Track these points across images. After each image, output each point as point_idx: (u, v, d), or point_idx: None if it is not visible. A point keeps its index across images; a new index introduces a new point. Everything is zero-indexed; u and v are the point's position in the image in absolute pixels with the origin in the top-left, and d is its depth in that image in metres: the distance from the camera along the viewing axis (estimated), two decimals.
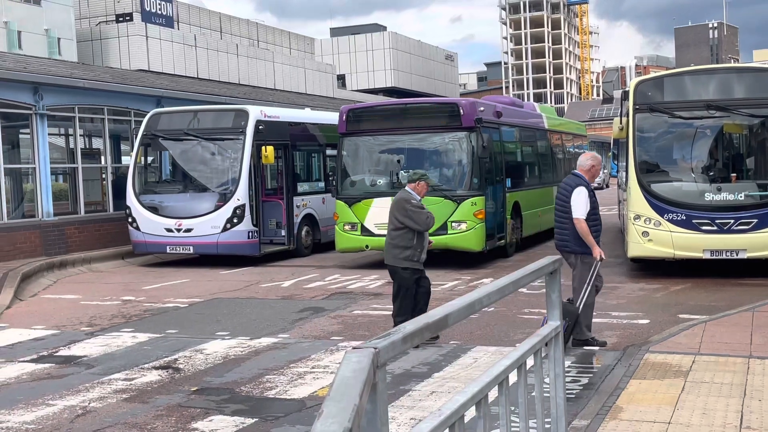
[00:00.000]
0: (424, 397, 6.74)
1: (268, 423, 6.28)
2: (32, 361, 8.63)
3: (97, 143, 21.40)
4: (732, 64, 17.49)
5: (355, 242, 15.26)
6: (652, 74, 14.69)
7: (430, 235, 14.07)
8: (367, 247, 15.08)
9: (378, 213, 14.48)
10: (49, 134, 18.27)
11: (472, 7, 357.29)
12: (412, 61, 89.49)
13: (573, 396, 6.48)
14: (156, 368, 8.10)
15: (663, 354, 7.52)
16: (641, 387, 6.43)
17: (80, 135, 19.91)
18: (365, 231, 15.08)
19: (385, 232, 14.27)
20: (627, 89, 13.70)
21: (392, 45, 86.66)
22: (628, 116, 13.28)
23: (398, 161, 15.27)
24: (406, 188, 9.16)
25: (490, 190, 15.36)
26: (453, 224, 14.57)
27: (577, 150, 23.83)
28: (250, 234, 16.44)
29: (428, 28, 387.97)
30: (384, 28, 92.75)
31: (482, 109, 15.26)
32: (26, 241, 17.00)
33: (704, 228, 12.35)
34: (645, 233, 12.67)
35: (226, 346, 9.04)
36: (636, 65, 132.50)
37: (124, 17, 55.34)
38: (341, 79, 77.21)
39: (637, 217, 12.76)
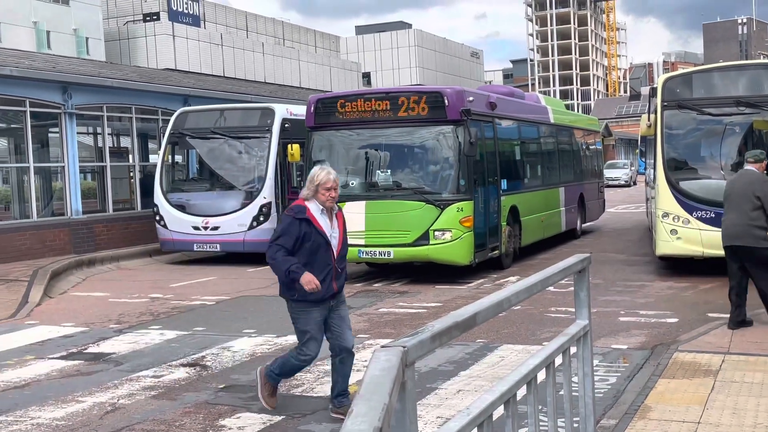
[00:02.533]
0: (451, 396, 6.72)
1: (294, 420, 6.30)
2: (62, 358, 8.72)
3: (125, 142, 21.59)
4: (761, 60, 17.28)
5: None
6: (681, 71, 14.51)
7: (410, 246, 13.00)
8: None
9: (349, 219, 13.12)
10: (77, 133, 18.45)
11: (497, 4, 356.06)
12: (437, 59, 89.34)
13: (601, 395, 6.44)
14: (184, 365, 8.15)
15: (692, 353, 7.45)
16: (670, 386, 6.37)
17: (108, 134, 20.09)
18: None
19: (357, 241, 12.88)
20: (655, 86, 13.57)
21: (417, 42, 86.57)
22: (656, 113, 13.16)
23: (367, 157, 13.57)
24: (749, 167, 8.78)
25: (480, 193, 13.43)
26: (436, 233, 12.71)
27: (589, 147, 21.94)
28: None
29: (454, 25, 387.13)
30: (409, 26, 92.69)
31: (471, 99, 13.16)
32: (56, 239, 17.18)
33: None
34: (673, 231, 12.55)
35: (253, 343, 9.08)
36: (664, 61, 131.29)
37: (152, 16, 55.74)
38: (366, 77, 77.27)
39: (666, 214, 12.64)
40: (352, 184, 13.42)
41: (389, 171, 13.29)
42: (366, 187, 13.30)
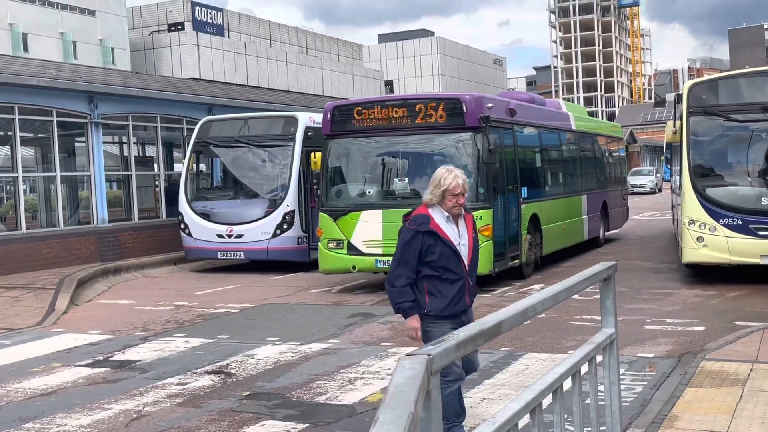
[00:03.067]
0: (476, 404, 6.69)
1: (319, 428, 6.30)
2: (88, 365, 8.78)
3: (150, 151, 21.76)
4: None
5: (340, 262, 13.23)
6: (706, 77, 14.40)
7: None
8: (354, 268, 13.14)
9: (366, 228, 12.86)
10: (103, 142, 18.62)
11: (520, 11, 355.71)
12: (460, 66, 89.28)
13: (627, 404, 6.38)
14: (208, 373, 8.18)
15: (719, 362, 7.37)
16: (697, 395, 6.31)
17: (134, 143, 20.25)
18: (352, 249, 13.09)
19: (375, 250, 13.15)
20: (680, 92, 13.48)
21: (440, 50, 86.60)
22: (681, 120, 13.07)
23: (384, 165, 13.36)
24: None
25: (500, 201, 13.21)
26: None
27: (612, 154, 21.66)
28: (300, 240, 16.54)
29: (476, 32, 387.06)
30: (432, 34, 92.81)
31: (490, 105, 12.95)
32: (82, 248, 17.33)
33: (761, 233, 12.09)
34: (700, 238, 12.44)
35: (277, 351, 9.10)
36: (689, 68, 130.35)
37: (176, 26, 56.22)
38: (389, 84, 77.45)
39: (692, 222, 12.54)
40: (369, 192, 13.35)
41: (407, 179, 13.16)
42: (383, 196, 13.17)
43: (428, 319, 5.49)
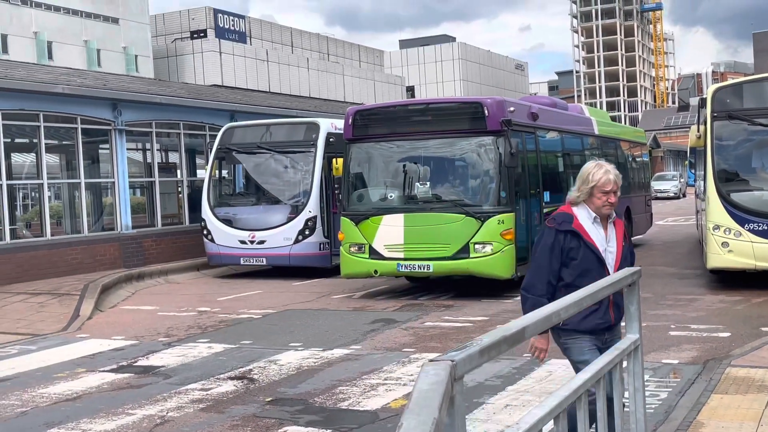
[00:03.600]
0: (499, 411, 6.67)
1: None
2: (112, 371, 8.84)
3: (173, 157, 21.91)
4: None
5: (361, 267, 13.20)
6: (731, 80, 14.29)
7: (450, 259, 12.91)
8: (375, 272, 13.12)
9: (388, 232, 12.86)
10: (127, 149, 18.77)
11: (541, 16, 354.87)
12: (481, 72, 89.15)
13: (652, 410, 6.33)
14: (231, 378, 8.21)
15: (745, 368, 7.30)
16: (723, 402, 6.25)
17: (157, 149, 20.40)
18: (374, 254, 13.05)
19: (396, 255, 13.20)
20: (704, 96, 13.38)
21: (461, 56, 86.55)
22: (705, 124, 12.97)
23: (405, 169, 13.32)
24: None
25: (522, 205, 13.11)
26: (476, 246, 12.43)
27: (635, 159, 21.51)
28: (322, 246, 16.57)
29: (497, 38, 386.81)
30: (453, 39, 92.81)
31: (512, 109, 12.90)
32: (106, 254, 17.47)
33: None
34: (725, 244, 12.33)
35: (300, 357, 9.11)
36: (713, 72, 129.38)
37: (199, 34, 56.60)
38: (410, 90, 77.52)
39: (717, 227, 12.43)
40: (391, 196, 13.34)
41: (428, 183, 13.14)
42: (405, 200, 13.16)
43: (564, 333, 4.82)
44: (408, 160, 13.37)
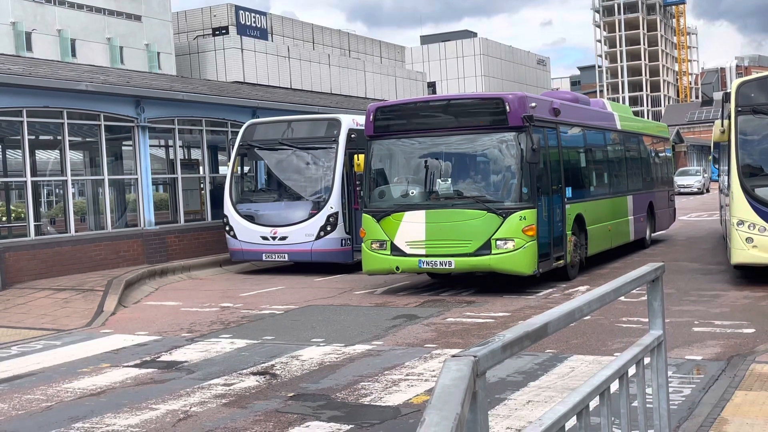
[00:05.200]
0: (521, 407, 6.65)
1: (363, 430, 6.31)
2: (136, 366, 8.90)
3: (195, 154, 22.02)
4: None
5: (383, 263, 13.22)
6: (755, 75, 14.14)
7: (472, 255, 12.99)
8: (397, 269, 13.15)
9: (410, 229, 12.92)
10: (150, 146, 18.88)
11: (563, 11, 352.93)
12: (503, 67, 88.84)
13: (675, 407, 6.29)
14: (254, 374, 8.24)
15: None
16: (747, 398, 6.20)
17: (179, 146, 20.51)
18: (395, 250, 13.05)
19: (418, 251, 13.32)
20: (728, 91, 13.27)
21: (483, 51, 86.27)
22: (729, 119, 12.86)
23: (427, 166, 13.33)
24: None
25: (544, 201, 13.04)
26: (498, 242, 12.40)
27: (658, 154, 21.41)
28: (343, 242, 16.60)
29: (519, 32, 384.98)
30: (474, 35, 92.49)
31: (534, 105, 12.81)
32: (129, 250, 17.60)
33: None
34: (749, 239, 12.23)
35: (322, 352, 9.14)
36: (736, 66, 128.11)
37: (221, 31, 56.79)
38: (432, 86, 77.37)
39: (741, 222, 12.33)
40: (412, 193, 13.32)
41: (450, 179, 13.11)
42: (426, 196, 13.13)
43: None
44: (429, 156, 13.35)
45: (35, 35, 46.53)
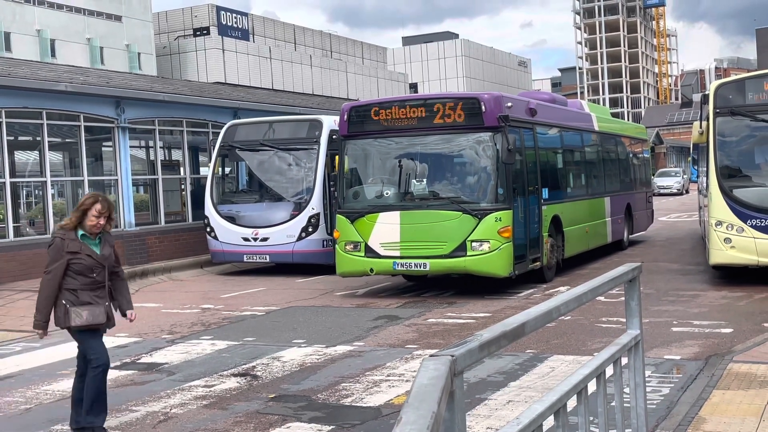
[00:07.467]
0: (501, 407, 6.68)
1: (344, 430, 6.32)
2: (116, 368, 8.85)
3: (176, 155, 21.93)
4: None
5: (357, 265, 13.06)
6: (733, 77, 14.27)
7: (447, 257, 12.82)
8: (371, 271, 13.03)
9: (384, 230, 12.78)
10: (130, 146, 18.80)
11: (544, 13, 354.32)
12: (484, 68, 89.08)
13: (654, 406, 6.34)
14: (234, 375, 8.23)
15: (747, 364, 7.31)
16: (725, 398, 6.26)
17: (160, 147, 20.42)
18: (370, 252, 12.91)
19: (392, 253, 13.19)
20: (707, 92, 13.38)
21: (464, 52, 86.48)
22: (708, 120, 12.97)
23: (402, 166, 13.20)
24: None
25: (520, 203, 12.95)
26: (473, 244, 12.30)
27: (636, 156, 21.46)
28: (325, 243, 16.58)
29: (500, 34, 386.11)
30: (456, 36, 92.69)
31: (510, 105, 12.65)
32: None
33: None
34: (727, 240, 12.34)
35: (303, 353, 9.13)
36: (716, 68, 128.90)
37: (202, 31, 56.60)
38: (413, 87, 77.47)
39: (719, 223, 12.44)
40: (387, 194, 13.18)
41: (425, 180, 13.05)
42: (401, 197, 13.00)
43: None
44: (404, 156, 13.23)
45: (14, 35, 46.18)
